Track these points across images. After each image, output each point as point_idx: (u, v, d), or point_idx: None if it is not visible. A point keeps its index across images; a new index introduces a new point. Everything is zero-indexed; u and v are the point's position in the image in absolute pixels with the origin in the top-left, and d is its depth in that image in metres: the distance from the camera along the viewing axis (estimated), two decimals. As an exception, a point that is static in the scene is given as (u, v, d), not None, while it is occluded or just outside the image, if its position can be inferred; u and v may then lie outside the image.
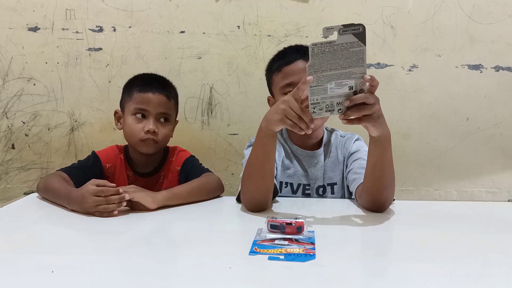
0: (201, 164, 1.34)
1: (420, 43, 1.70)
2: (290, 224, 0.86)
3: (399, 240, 0.93)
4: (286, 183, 1.26)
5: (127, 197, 1.01)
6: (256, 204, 1.06)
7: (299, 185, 1.26)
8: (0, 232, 0.93)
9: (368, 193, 1.05)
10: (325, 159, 1.27)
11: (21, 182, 1.74)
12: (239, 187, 1.11)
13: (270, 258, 0.74)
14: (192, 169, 1.30)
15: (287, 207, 1.13)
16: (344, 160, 1.27)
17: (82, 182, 1.08)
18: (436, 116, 1.74)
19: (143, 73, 1.38)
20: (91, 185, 1.02)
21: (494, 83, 1.72)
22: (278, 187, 1.17)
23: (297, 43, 1.30)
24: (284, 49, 1.26)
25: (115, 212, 0.99)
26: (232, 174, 1.73)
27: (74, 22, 1.67)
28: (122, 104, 1.32)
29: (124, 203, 1.01)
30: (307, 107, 0.90)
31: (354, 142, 1.27)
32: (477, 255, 0.79)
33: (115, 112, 1.35)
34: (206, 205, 1.15)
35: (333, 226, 0.96)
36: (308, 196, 1.26)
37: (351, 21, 0.89)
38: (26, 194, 1.26)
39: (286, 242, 0.80)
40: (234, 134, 1.74)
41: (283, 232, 0.85)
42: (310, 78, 0.87)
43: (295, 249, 0.78)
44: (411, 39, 1.70)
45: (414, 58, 1.71)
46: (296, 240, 0.82)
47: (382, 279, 0.70)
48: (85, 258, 0.77)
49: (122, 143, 1.37)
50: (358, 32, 0.85)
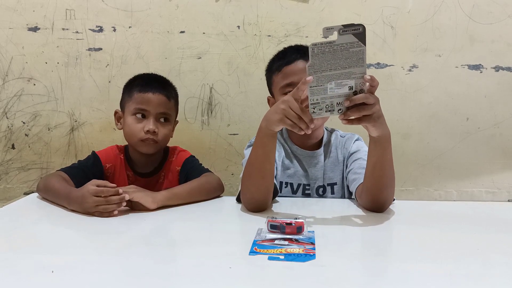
0: (201, 164, 1.34)
1: (420, 43, 1.70)
2: (290, 224, 0.85)
3: (399, 240, 0.93)
4: (286, 183, 1.26)
5: (127, 198, 1.01)
6: (256, 204, 1.06)
7: (299, 185, 1.26)
8: (0, 232, 0.93)
9: (368, 193, 1.05)
10: (325, 159, 1.27)
11: (21, 182, 1.74)
12: (239, 187, 1.11)
13: (270, 258, 0.74)
14: (192, 169, 1.30)
15: (287, 207, 1.13)
16: (344, 160, 1.27)
17: (82, 182, 1.09)
18: (436, 116, 1.74)
19: (143, 73, 1.38)
20: (91, 185, 1.02)
21: (494, 83, 1.72)
22: (278, 187, 1.17)
23: (297, 43, 1.30)
24: (284, 49, 1.26)
25: (115, 212, 1.00)
26: (232, 174, 1.73)
27: (74, 22, 1.67)
28: (122, 104, 1.32)
29: (124, 203, 1.01)
30: (307, 107, 0.90)
31: (354, 142, 1.27)
32: (477, 255, 0.79)
33: (115, 112, 1.35)
34: (206, 205, 1.15)
35: (333, 226, 0.96)
36: (308, 196, 1.26)
37: (351, 21, 0.89)
38: (26, 194, 1.26)
39: (286, 242, 0.80)
40: (234, 134, 1.74)
41: (283, 232, 0.85)
42: (310, 78, 0.87)
43: (295, 249, 0.77)
44: (411, 39, 1.70)
45: (414, 58, 1.71)
46: (296, 240, 0.82)
47: (382, 279, 0.70)
48: (85, 258, 0.77)
49: (122, 143, 1.37)
50: (358, 32, 0.85)
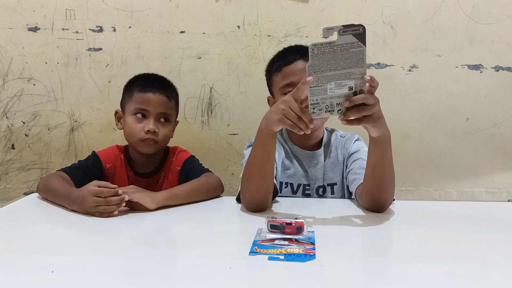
0: (201, 164, 1.34)
1: (420, 43, 1.70)
2: (290, 224, 0.85)
3: (399, 240, 0.93)
4: (286, 183, 1.26)
5: (126, 198, 1.01)
6: (256, 204, 1.06)
7: (299, 185, 1.26)
8: (0, 232, 0.93)
9: (368, 193, 1.05)
10: (325, 160, 1.27)
11: (21, 182, 1.74)
12: (239, 187, 1.11)
13: (270, 258, 0.74)
14: (192, 169, 1.30)
15: (287, 207, 1.13)
16: (344, 161, 1.27)
17: (83, 182, 1.09)
18: (436, 116, 1.74)
19: (144, 73, 1.38)
20: (92, 185, 1.02)
21: (494, 83, 1.72)
22: (278, 187, 1.17)
23: (297, 43, 1.30)
24: (284, 49, 1.26)
25: (115, 212, 1.00)
26: (232, 174, 1.73)
27: (74, 22, 1.67)
28: (123, 104, 1.32)
29: (124, 203, 1.01)
30: (306, 108, 0.90)
31: (354, 143, 1.27)
32: (477, 255, 0.79)
33: (116, 112, 1.35)
34: (206, 205, 1.15)
35: (333, 226, 0.96)
36: (308, 196, 1.26)
37: (351, 21, 0.89)
38: (26, 194, 1.27)
39: (286, 242, 0.80)
40: (234, 134, 1.74)
41: (283, 232, 0.85)
42: (310, 78, 0.87)
43: (295, 249, 0.77)
44: (411, 39, 1.70)
45: (414, 58, 1.71)
46: (296, 240, 0.82)
47: (382, 279, 0.70)
48: (85, 258, 0.77)
49: (122, 143, 1.37)
50: (358, 32, 0.85)
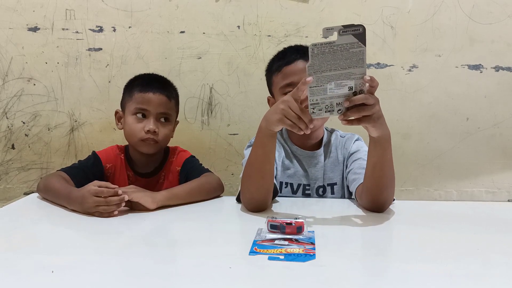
0: (201, 164, 1.34)
1: (420, 43, 1.70)
2: (290, 224, 0.85)
3: (399, 240, 0.93)
4: (286, 183, 1.26)
5: (126, 198, 1.01)
6: (256, 204, 1.06)
7: (299, 185, 1.26)
8: (0, 232, 0.93)
9: (368, 193, 1.05)
10: (325, 159, 1.27)
11: (21, 182, 1.74)
12: (239, 187, 1.11)
13: (270, 258, 0.74)
14: (192, 169, 1.30)
15: (287, 207, 1.13)
16: (344, 160, 1.27)
17: (83, 182, 1.09)
18: (436, 116, 1.74)
19: (144, 73, 1.38)
20: (92, 185, 1.02)
21: (494, 83, 1.72)
22: (278, 187, 1.17)
23: (297, 43, 1.30)
24: (284, 49, 1.26)
25: (115, 212, 1.00)
26: (232, 174, 1.73)
27: (74, 22, 1.67)
28: (123, 104, 1.32)
29: (123, 203, 1.01)
30: (306, 108, 0.90)
31: (354, 142, 1.27)
32: (477, 255, 0.79)
33: (116, 112, 1.35)
34: (206, 205, 1.15)
35: (333, 226, 0.96)
36: (308, 196, 1.26)
37: (351, 21, 0.89)
38: (26, 194, 1.26)
39: (286, 242, 0.80)
40: (234, 134, 1.74)
41: (283, 232, 0.85)
42: (310, 79, 0.87)
43: (295, 249, 0.77)
44: (411, 39, 1.70)
45: (414, 58, 1.71)
46: (296, 240, 0.82)
47: (382, 279, 0.70)
48: (85, 258, 0.77)
49: (122, 143, 1.37)
50: (358, 32, 0.85)
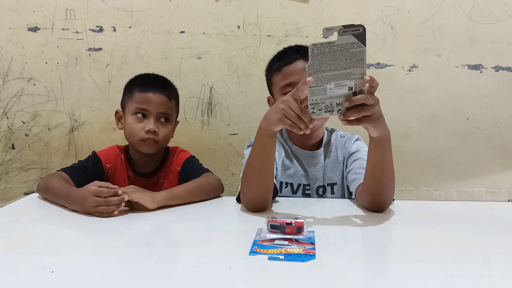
0: (201, 164, 1.34)
1: (420, 43, 1.70)
2: (290, 224, 0.85)
3: (399, 240, 0.93)
4: (286, 183, 1.26)
5: (126, 198, 1.01)
6: (256, 204, 1.06)
7: (299, 185, 1.26)
8: (0, 232, 0.93)
9: (368, 193, 1.05)
10: (325, 159, 1.27)
11: (21, 182, 1.74)
12: (239, 187, 1.11)
13: (270, 258, 0.74)
14: (192, 169, 1.30)
15: (287, 207, 1.13)
16: (344, 160, 1.27)
17: (83, 182, 1.09)
18: (436, 116, 1.74)
19: (144, 73, 1.38)
20: (92, 185, 1.02)
21: (494, 83, 1.72)
22: (278, 187, 1.17)
23: (297, 43, 1.30)
24: (284, 49, 1.26)
25: (115, 212, 1.00)
26: (232, 174, 1.73)
27: (74, 22, 1.67)
28: (123, 104, 1.32)
29: (123, 203, 1.01)
30: (306, 107, 0.90)
31: (354, 142, 1.27)
32: (477, 255, 0.79)
33: (116, 112, 1.35)
34: (206, 205, 1.15)
35: (333, 226, 0.96)
36: (308, 196, 1.26)
37: (351, 21, 0.89)
38: (26, 194, 1.26)
39: (286, 242, 0.80)
40: (234, 134, 1.74)
41: (283, 232, 0.85)
42: (310, 79, 0.87)
43: (295, 249, 0.78)
44: (411, 39, 1.70)
45: (414, 58, 1.71)
46: (296, 240, 0.82)
47: (382, 279, 0.70)
48: (85, 258, 0.77)
49: (122, 143, 1.37)
50: (358, 33, 0.85)
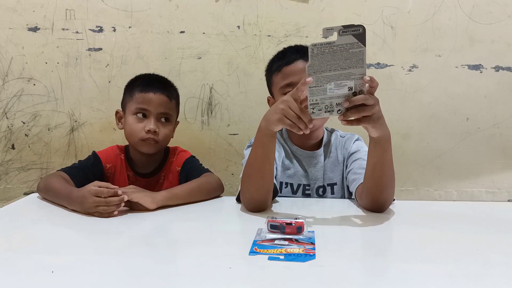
0: (201, 164, 1.34)
1: (420, 43, 1.70)
2: (290, 224, 0.85)
3: (399, 240, 0.93)
4: (286, 183, 1.26)
5: (126, 198, 1.01)
6: (256, 204, 1.06)
7: (299, 185, 1.26)
8: (0, 232, 0.93)
9: (368, 193, 1.05)
10: (325, 160, 1.27)
11: (21, 182, 1.74)
12: (239, 187, 1.11)
13: (270, 258, 0.74)
14: (192, 169, 1.30)
15: (287, 207, 1.13)
16: (344, 161, 1.27)
17: (83, 182, 1.09)
18: (436, 116, 1.74)
19: (145, 73, 1.38)
20: (92, 185, 1.02)
21: (494, 83, 1.72)
22: (278, 187, 1.17)
23: (297, 43, 1.30)
24: (284, 49, 1.26)
25: (115, 212, 1.00)
26: (232, 174, 1.73)
27: (74, 22, 1.67)
28: (124, 104, 1.32)
29: (123, 203, 1.01)
30: (306, 107, 0.90)
31: (354, 142, 1.27)
32: (477, 255, 0.79)
33: (116, 112, 1.35)
34: (206, 205, 1.15)
35: (333, 226, 0.96)
36: (308, 196, 1.26)
37: (351, 21, 0.89)
38: (26, 194, 1.27)
39: (286, 242, 0.80)
40: (234, 134, 1.74)
41: (283, 232, 0.85)
42: (309, 79, 0.87)
43: (295, 249, 0.78)
44: (411, 39, 1.70)
45: (414, 58, 1.71)
46: (296, 240, 0.82)
47: (382, 279, 0.70)
48: (85, 258, 0.77)
49: (122, 143, 1.37)
50: (358, 33, 0.85)
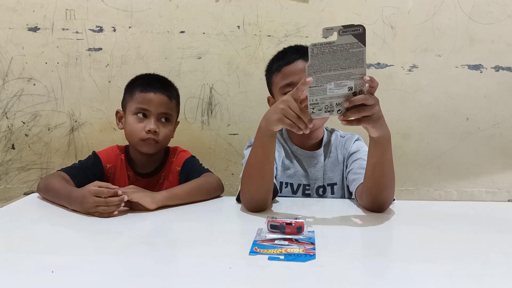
0: (201, 164, 1.34)
1: (420, 43, 1.70)
2: (290, 224, 0.85)
3: (399, 240, 0.93)
4: (286, 183, 1.26)
5: (126, 198, 1.01)
6: (256, 204, 1.06)
7: (299, 185, 1.26)
8: (0, 232, 0.93)
9: (368, 193, 1.05)
10: (325, 159, 1.27)
11: (21, 182, 1.74)
12: (239, 187, 1.11)
13: (270, 258, 0.74)
14: (192, 169, 1.30)
15: (287, 207, 1.13)
16: (344, 161, 1.27)
17: (83, 182, 1.09)
18: (436, 116, 1.74)
19: (145, 73, 1.38)
20: (92, 185, 1.02)
21: (494, 83, 1.72)
22: (278, 187, 1.17)
23: (297, 43, 1.30)
24: (284, 49, 1.26)
25: (115, 212, 1.00)
26: (232, 174, 1.73)
27: (74, 22, 1.67)
28: (124, 103, 1.32)
29: (123, 203, 1.01)
30: (306, 107, 0.90)
31: (354, 142, 1.27)
32: (477, 255, 0.79)
33: (117, 112, 1.35)
34: (206, 205, 1.15)
35: (333, 226, 0.96)
36: (308, 196, 1.26)
37: (351, 21, 0.89)
38: (26, 194, 1.26)
39: (286, 242, 0.80)
40: (234, 134, 1.74)
41: (283, 232, 0.85)
42: (309, 79, 0.87)
43: (295, 249, 0.78)
44: (411, 39, 1.70)
45: (414, 58, 1.71)
46: (296, 240, 0.82)
47: (382, 279, 0.70)
48: (85, 258, 0.77)
49: (122, 143, 1.37)
50: (358, 33, 0.85)
